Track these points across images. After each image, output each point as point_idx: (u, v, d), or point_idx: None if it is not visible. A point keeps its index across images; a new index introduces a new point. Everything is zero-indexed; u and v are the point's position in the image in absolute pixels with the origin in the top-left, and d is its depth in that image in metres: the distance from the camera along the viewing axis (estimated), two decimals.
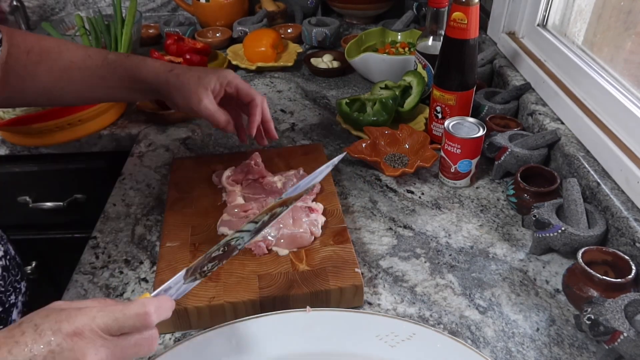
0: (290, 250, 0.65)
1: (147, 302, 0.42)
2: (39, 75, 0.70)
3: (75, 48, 0.72)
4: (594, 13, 0.86)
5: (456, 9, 0.77)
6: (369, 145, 0.87)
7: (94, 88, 0.73)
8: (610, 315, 0.52)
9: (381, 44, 1.20)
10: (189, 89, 0.70)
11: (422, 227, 0.74)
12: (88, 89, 0.73)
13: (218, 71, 0.72)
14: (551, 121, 0.83)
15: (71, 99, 0.75)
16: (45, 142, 0.97)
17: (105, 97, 0.75)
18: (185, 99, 0.70)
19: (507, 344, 0.58)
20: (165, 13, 1.57)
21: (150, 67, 0.71)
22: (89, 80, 0.72)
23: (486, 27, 1.17)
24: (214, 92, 0.71)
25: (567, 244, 0.64)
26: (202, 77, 0.71)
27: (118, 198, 0.81)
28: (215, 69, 0.73)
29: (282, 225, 0.66)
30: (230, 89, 0.72)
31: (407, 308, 0.62)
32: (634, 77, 0.74)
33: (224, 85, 0.72)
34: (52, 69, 0.70)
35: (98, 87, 0.72)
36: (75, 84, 0.72)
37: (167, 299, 0.46)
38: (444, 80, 0.84)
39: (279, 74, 1.19)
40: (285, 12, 1.45)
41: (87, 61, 0.71)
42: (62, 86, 0.72)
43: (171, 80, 0.70)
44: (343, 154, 0.64)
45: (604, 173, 0.70)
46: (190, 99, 0.70)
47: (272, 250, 0.65)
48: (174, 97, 0.71)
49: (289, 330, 0.55)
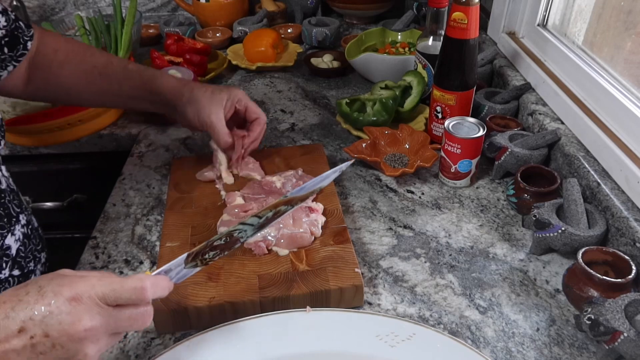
0: (290, 250, 0.65)
1: (144, 277, 0.45)
2: (63, 75, 0.74)
3: (100, 54, 0.77)
4: (594, 13, 0.86)
5: (456, 9, 0.77)
6: (369, 145, 0.87)
7: (111, 94, 0.76)
8: (611, 315, 0.52)
9: (381, 44, 1.20)
10: (201, 103, 0.74)
11: (422, 227, 0.74)
12: (106, 93, 0.76)
13: (230, 89, 0.76)
14: (551, 121, 0.83)
15: (89, 101, 0.79)
16: (45, 142, 0.97)
17: (121, 103, 0.79)
18: (196, 112, 0.74)
19: (507, 344, 0.58)
20: (165, 13, 1.57)
21: (166, 81, 0.76)
22: (108, 86, 0.75)
23: (486, 27, 1.17)
24: (226, 109, 0.75)
25: (567, 244, 0.64)
26: (215, 93, 0.75)
27: (118, 198, 0.81)
28: (227, 87, 0.77)
29: (282, 225, 0.66)
30: (240, 106, 0.77)
31: (407, 308, 0.62)
32: (634, 77, 0.74)
33: (235, 102, 0.76)
34: (75, 71, 0.74)
35: (115, 94, 0.76)
36: (95, 87, 0.76)
37: (165, 278, 0.48)
38: (444, 80, 0.84)
39: (279, 74, 1.19)
40: (285, 12, 1.45)
41: (108, 67, 0.75)
42: (83, 88, 0.75)
43: (185, 93, 0.74)
44: (352, 161, 0.65)
45: (604, 173, 0.70)
46: (200, 112, 0.74)
47: (272, 250, 0.65)
48: (185, 109, 0.74)
49: (289, 330, 0.55)
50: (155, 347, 0.58)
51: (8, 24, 0.66)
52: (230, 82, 1.17)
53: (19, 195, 0.69)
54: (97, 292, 0.42)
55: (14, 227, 0.64)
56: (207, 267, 0.62)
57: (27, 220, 0.68)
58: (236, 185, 0.76)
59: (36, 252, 0.69)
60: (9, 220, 0.63)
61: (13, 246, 0.63)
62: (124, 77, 0.75)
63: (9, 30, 0.66)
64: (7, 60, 0.68)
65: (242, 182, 0.77)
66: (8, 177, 0.68)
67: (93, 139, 0.99)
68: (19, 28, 0.68)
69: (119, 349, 0.58)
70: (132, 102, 0.78)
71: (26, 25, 0.71)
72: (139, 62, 1.17)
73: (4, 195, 0.63)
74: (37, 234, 0.71)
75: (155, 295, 0.45)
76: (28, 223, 0.68)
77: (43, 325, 0.40)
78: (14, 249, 0.63)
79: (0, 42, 0.66)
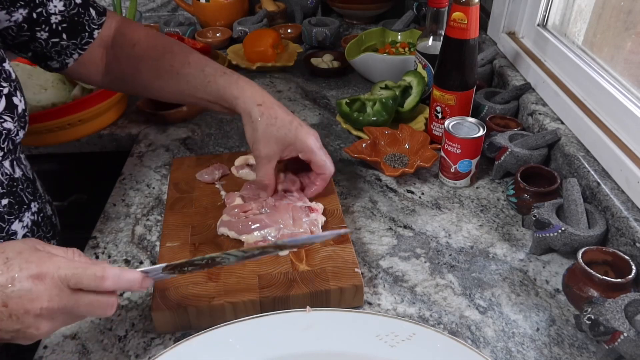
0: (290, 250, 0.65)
1: (108, 267, 0.45)
2: (139, 71, 0.73)
3: (180, 53, 0.73)
4: (594, 13, 0.86)
5: (456, 9, 0.77)
6: (369, 145, 0.87)
7: (186, 95, 0.74)
8: (611, 315, 0.52)
9: (381, 44, 1.20)
10: (261, 133, 0.68)
11: (422, 227, 0.74)
12: (180, 93, 0.74)
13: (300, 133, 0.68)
14: (551, 121, 0.83)
15: (166, 98, 0.77)
16: (45, 142, 0.97)
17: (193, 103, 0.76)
18: (253, 138, 0.69)
19: (507, 344, 0.58)
20: (165, 13, 1.57)
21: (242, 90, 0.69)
22: (183, 88, 0.73)
23: (486, 27, 1.17)
24: (284, 152, 0.69)
25: (567, 244, 0.64)
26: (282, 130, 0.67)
27: (118, 198, 0.81)
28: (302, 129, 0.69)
29: (283, 225, 0.66)
30: (304, 157, 0.70)
31: (407, 308, 0.62)
32: (634, 77, 0.74)
33: (299, 151, 0.69)
34: (151, 69, 0.72)
35: (190, 95, 0.73)
36: (170, 87, 0.73)
37: (134, 272, 0.48)
38: (444, 80, 0.84)
39: (279, 74, 1.19)
40: (285, 12, 1.45)
41: (185, 68, 0.72)
42: (158, 87, 0.74)
43: (254, 114, 0.68)
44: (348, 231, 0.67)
45: (604, 173, 0.70)
46: (256, 142, 0.68)
47: None
48: (246, 127, 0.70)
49: (289, 330, 0.55)
50: (155, 347, 0.58)
51: (67, 9, 0.66)
52: None
53: (35, 183, 0.70)
54: (61, 274, 0.43)
55: (23, 214, 0.64)
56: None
57: (39, 208, 0.68)
58: (236, 186, 0.76)
59: (45, 239, 0.69)
60: (19, 208, 0.63)
61: (20, 232, 0.64)
62: (200, 80, 0.72)
63: (67, 17, 0.65)
64: (71, 47, 0.67)
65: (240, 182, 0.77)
66: (26, 165, 0.68)
67: (93, 139, 0.99)
68: (85, 15, 0.67)
69: (119, 349, 0.58)
70: (206, 104, 0.75)
71: (99, 12, 0.70)
72: None
73: (18, 183, 0.64)
74: (49, 222, 0.71)
75: (117, 286, 0.46)
76: (40, 211, 0.68)
77: (3, 295, 0.42)
78: (20, 235, 0.64)
79: (57, 29, 0.65)
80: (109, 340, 0.59)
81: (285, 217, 0.67)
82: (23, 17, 0.62)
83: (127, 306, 0.63)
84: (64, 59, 0.70)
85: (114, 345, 0.58)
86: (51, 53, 0.69)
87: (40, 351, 0.58)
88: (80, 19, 0.67)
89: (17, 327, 0.43)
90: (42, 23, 0.64)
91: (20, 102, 0.61)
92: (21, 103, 0.62)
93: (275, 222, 0.66)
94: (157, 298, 0.58)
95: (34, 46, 0.67)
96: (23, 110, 0.62)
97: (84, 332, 0.60)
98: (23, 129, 0.63)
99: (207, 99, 0.72)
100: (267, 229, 0.65)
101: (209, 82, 0.71)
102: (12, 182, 0.63)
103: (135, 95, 0.92)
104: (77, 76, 0.75)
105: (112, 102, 0.98)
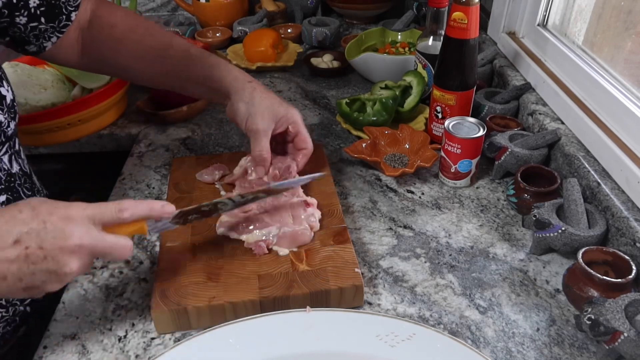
0: (290, 249, 0.65)
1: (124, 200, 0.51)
2: (119, 53, 0.72)
3: (161, 35, 0.73)
4: (594, 13, 0.86)
5: (456, 8, 0.77)
6: (369, 145, 0.87)
7: (170, 77, 0.74)
8: (611, 316, 0.52)
9: (381, 44, 1.20)
10: (257, 107, 0.70)
11: (422, 227, 0.74)
12: (164, 76, 0.74)
13: (289, 108, 0.73)
14: (551, 121, 0.83)
15: (146, 81, 0.77)
16: (45, 142, 0.97)
17: (178, 87, 0.76)
18: (247, 114, 0.71)
19: (507, 344, 0.58)
20: (165, 13, 1.57)
21: (230, 70, 0.72)
22: (167, 69, 0.73)
23: (486, 27, 1.17)
24: (277, 125, 0.72)
25: (567, 244, 0.64)
26: (274, 104, 0.71)
27: (118, 198, 0.81)
28: (288, 105, 0.74)
29: (282, 224, 0.66)
30: (293, 129, 0.73)
31: (407, 308, 0.62)
32: (634, 77, 0.74)
33: (290, 122, 0.73)
34: (132, 51, 0.72)
35: (174, 77, 0.74)
36: (153, 69, 0.73)
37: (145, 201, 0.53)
38: (444, 80, 0.84)
39: (279, 74, 1.19)
40: (285, 12, 1.45)
41: (169, 51, 0.72)
42: (140, 68, 0.73)
43: (247, 90, 0.71)
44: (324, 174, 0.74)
45: (604, 173, 0.70)
46: (252, 116, 0.70)
47: (272, 250, 0.65)
48: (239, 105, 0.71)
49: (289, 330, 0.55)
50: (155, 347, 0.58)
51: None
52: None
53: (32, 178, 0.69)
54: (88, 213, 0.48)
55: None
56: (207, 267, 0.62)
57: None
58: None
59: None
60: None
61: None
62: (185, 62, 0.72)
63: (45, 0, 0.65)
64: (49, 31, 0.67)
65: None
66: (24, 159, 0.68)
67: (93, 139, 0.99)
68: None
69: (119, 349, 0.58)
70: (192, 87, 0.75)
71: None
72: None
73: (15, 179, 0.63)
74: None
75: (133, 215, 0.51)
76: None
77: (38, 239, 0.44)
78: None
79: (36, 12, 0.64)
80: (109, 340, 0.59)
81: (284, 216, 0.67)
82: (2, 3, 0.61)
83: (127, 306, 0.63)
84: (42, 43, 0.69)
85: (114, 345, 0.58)
86: (29, 37, 0.67)
87: (40, 351, 0.58)
88: (57, 2, 0.66)
89: (53, 267, 0.45)
90: (21, 8, 0.63)
91: (7, 92, 0.61)
92: (9, 93, 0.61)
93: (275, 221, 0.66)
94: (157, 298, 0.58)
95: (12, 31, 0.66)
96: (12, 100, 0.62)
97: (84, 332, 0.60)
98: (14, 120, 0.62)
99: (194, 80, 0.72)
100: (267, 228, 0.65)
101: (195, 64, 0.71)
102: (9, 178, 0.62)
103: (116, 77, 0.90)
104: (54, 59, 0.74)
105: (112, 102, 0.98)
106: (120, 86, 0.99)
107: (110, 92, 0.96)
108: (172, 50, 0.72)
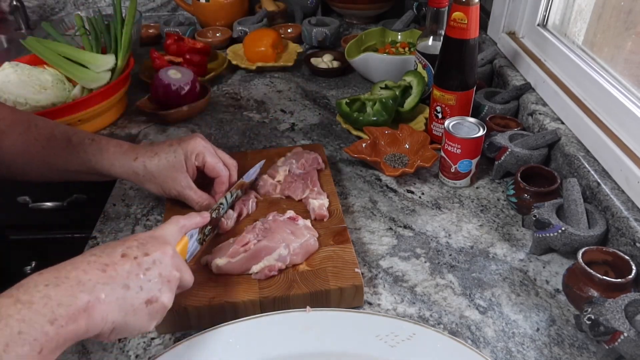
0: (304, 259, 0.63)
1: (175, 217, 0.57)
2: (3, 147, 0.68)
3: (44, 125, 0.70)
4: (594, 13, 0.86)
5: (456, 8, 0.77)
6: (369, 145, 0.87)
7: (58, 169, 0.71)
8: (611, 316, 0.52)
9: (381, 44, 1.20)
10: (160, 177, 0.69)
11: (422, 227, 0.74)
12: (51, 169, 0.71)
13: (186, 144, 0.70)
14: (551, 121, 0.83)
15: (34, 176, 0.72)
16: None
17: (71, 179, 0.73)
18: (160, 187, 0.70)
19: (507, 344, 0.58)
20: (165, 13, 1.57)
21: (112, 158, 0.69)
22: (53, 161, 0.70)
23: (486, 27, 1.17)
24: (189, 172, 0.70)
25: (567, 244, 0.64)
26: (169, 158, 0.69)
27: (118, 198, 0.81)
28: (183, 141, 0.70)
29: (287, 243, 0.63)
30: (198, 162, 0.71)
31: (407, 308, 0.62)
32: (634, 77, 0.74)
33: (194, 160, 0.70)
34: (16, 142, 0.68)
35: (61, 169, 0.70)
36: (38, 162, 0.70)
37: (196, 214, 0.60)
38: (444, 80, 0.84)
39: (279, 74, 1.19)
40: (285, 12, 1.45)
41: (51, 141, 0.69)
42: (25, 162, 0.70)
43: (139, 170, 0.69)
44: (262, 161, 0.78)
45: (604, 173, 0.70)
46: (163, 186, 0.70)
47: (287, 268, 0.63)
48: (146, 186, 0.71)
49: (288, 330, 0.55)
50: (155, 347, 0.58)
51: None
52: (230, 82, 1.17)
53: None
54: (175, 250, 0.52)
55: None
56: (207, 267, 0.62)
57: None
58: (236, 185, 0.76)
59: None
60: None
61: None
62: (69, 152, 0.69)
63: None
64: None
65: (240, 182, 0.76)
66: None
67: None
68: None
69: (119, 349, 0.58)
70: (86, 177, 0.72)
71: None
72: (139, 62, 1.17)
73: None
74: None
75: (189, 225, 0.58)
76: None
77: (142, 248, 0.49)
78: None
79: None
80: None
81: (284, 234, 0.64)
82: None
83: None
84: None
85: (114, 345, 0.58)
86: None
87: None
88: None
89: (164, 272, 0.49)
90: None
91: None
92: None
93: (278, 243, 0.63)
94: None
95: None
96: None
97: None
98: None
99: (81, 170, 0.70)
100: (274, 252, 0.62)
101: (79, 153, 0.69)
102: None
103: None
104: None
105: (112, 102, 0.98)
106: (120, 86, 0.99)
107: (110, 92, 0.96)
108: (54, 140, 0.69)
